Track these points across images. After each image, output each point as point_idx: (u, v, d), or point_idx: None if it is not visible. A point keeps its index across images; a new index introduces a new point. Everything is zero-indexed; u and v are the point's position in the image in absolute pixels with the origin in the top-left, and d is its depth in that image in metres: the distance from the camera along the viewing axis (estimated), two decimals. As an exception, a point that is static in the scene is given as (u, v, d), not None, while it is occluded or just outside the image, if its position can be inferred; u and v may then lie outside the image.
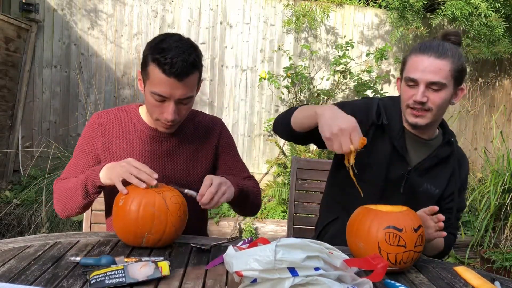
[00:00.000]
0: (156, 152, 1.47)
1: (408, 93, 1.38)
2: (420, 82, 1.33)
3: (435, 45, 1.34)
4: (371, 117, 1.44)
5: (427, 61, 1.32)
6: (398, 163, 1.45)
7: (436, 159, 1.47)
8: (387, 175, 1.45)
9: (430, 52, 1.33)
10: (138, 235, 1.18)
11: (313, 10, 4.66)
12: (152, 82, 1.32)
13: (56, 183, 1.46)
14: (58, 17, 4.48)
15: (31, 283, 0.95)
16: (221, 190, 1.28)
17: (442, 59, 1.32)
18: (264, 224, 3.93)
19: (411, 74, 1.35)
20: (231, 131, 4.74)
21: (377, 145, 1.45)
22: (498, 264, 3.08)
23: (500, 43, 4.30)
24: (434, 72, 1.31)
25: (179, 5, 4.66)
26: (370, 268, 0.96)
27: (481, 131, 5.18)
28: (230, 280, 1.01)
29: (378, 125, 1.44)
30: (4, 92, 4.08)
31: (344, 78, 4.71)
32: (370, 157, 1.43)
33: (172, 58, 1.27)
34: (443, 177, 1.49)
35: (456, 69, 1.34)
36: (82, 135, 1.50)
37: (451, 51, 1.34)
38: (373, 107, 1.46)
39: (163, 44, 1.30)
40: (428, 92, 1.34)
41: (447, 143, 1.48)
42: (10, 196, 3.75)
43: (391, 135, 1.44)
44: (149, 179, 1.22)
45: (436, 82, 1.32)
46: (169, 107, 1.34)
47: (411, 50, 1.40)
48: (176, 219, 1.21)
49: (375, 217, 1.13)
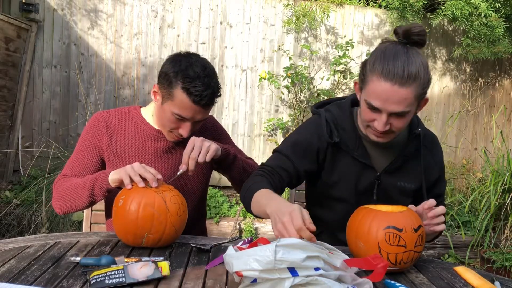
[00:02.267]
0: (160, 150, 1.50)
1: (369, 116, 1.27)
2: (382, 111, 1.23)
3: (399, 67, 1.18)
4: (324, 137, 1.38)
5: (391, 90, 1.18)
6: (365, 172, 1.40)
7: (404, 157, 1.41)
8: (356, 187, 1.41)
9: (394, 78, 1.18)
10: (137, 235, 1.18)
11: (313, 10, 4.66)
12: (178, 105, 1.36)
13: (59, 179, 1.47)
14: (58, 17, 4.48)
15: (31, 283, 0.95)
16: (204, 148, 1.35)
17: (407, 87, 1.18)
18: (264, 224, 3.93)
19: (373, 101, 1.23)
20: (231, 131, 4.77)
21: (338, 162, 1.41)
22: (498, 264, 3.08)
23: (500, 43, 4.30)
24: (398, 102, 1.20)
25: (179, 5, 4.66)
26: (370, 268, 0.96)
27: (481, 131, 5.18)
28: (230, 280, 1.01)
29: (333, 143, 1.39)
30: (4, 92, 4.08)
31: (344, 78, 4.72)
32: (335, 175, 1.40)
33: (202, 91, 1.34)
34: (416, 171, 1.43)
35: (421, 92, 1.23)
36: (85, 131, 1.51)
37: (417, 67, 1.19)
38: (323, 126, 1.39)
39: (191, 71, 1.35)
40: (391, 119, 1.24)
41: (414, 137, 1.41)
42: (10, 196, 3.76)
43: (347, 149, 1.39)
44: (152, 179, 1.24)
45: (400, 112, 1.22)
46: (187, 126, 1.41)
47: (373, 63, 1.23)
48: (176, 220, 1.21)
49: (375, 217, 1.13)
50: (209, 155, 1.35)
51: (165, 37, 4.66)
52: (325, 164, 1.42)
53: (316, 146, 1.39)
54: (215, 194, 4.12)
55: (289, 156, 1.38)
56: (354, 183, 1.41)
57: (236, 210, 3.98)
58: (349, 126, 1.41)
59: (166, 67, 1.39)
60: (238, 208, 4.01)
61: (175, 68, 1.37)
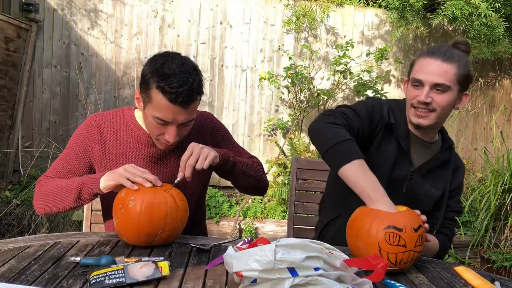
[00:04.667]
0: (154, 156, 1.47)
1: (413, 93, 1.42)
2: (425, 83, 1.37)
3: (443, 50, 1.39)
4: (385, 116, 1.47)
5: (434, 63, 1.37)
6: (402, 163, 1.48)
7: (437, 161, 1.51)
8: (391, 174, 1.47)
9: (437, 55, 1.37)
10: (151, 234, 1.20)
11: (313, 10, 4.66)
12: (155, 107, 1.30)
13: (42, 179, 1.43)
14: (58, 17, 4.48)
15: (31, 283, 0.95)
16: (202, 155, 1.32)
17: (448, 63, 1.36)
18: (264, 224, 3.93)
19: (417, 75, 1.40)
20: (231, 131, 4.76)
21: (384, 145, 1.48)
22: (498, 264, 3.08)
23: (500, 43, 4.30)
24: (440, 74, 1.36)
25: (179, 5, 4.66)
26: (370, 268, 0.96)
27: (481, 131, 5.18)
28: (230, 280, 1.01)
29: (387, 124, 1.47)
30: (4, 92, 4.08)
31: (344, 78, 4.72)
32: (377, 157, 1.45)
33: (178, 88, 1.25)
34: (443, 179, 1.52)
35: (461, 74, 1.38)
36: (76, 135, 1.47)
37: (458, 56, 1.38)
38: (385, 107, 1.49)
39: (166, 69, 1.27)
40: (433, 93, 1.38)
41: (448, 148, 1.53)
42: (10, 196, 3.75)
43: (398, 134, 1.47)
44: (155, 179, 1.24)
45: (441, 83, 1.36)
46: (171, 130, 1.34)
47: (419, 54, 1.44)
48: (184, 215, 1.26)
49: (375, 217, 1.13)
50: (206, 162, 1.32)
51: (165, 37, 4.66)
52: (375, 140, 1.48)
53: (378, 117, 1.46)
54: (215, 194, 4.12)
55: (357, 112, 1.43)
56: (389, 169, 1.46)
57: (236, 210, 3.98)
58: (402, 117, 1.49)
59: (143, 69, 1.33)
60: (238, 208, 4.01)
61: (151, 68, 1.30)
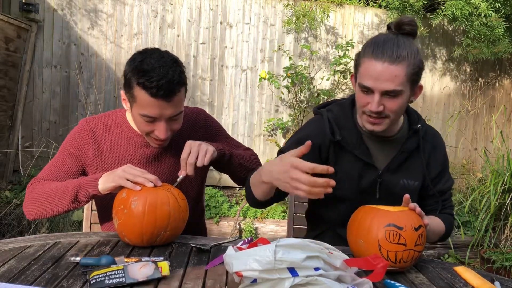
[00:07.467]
0: (149, 156, 1.47)
1: (363, 100, 1.31)
2: (374, 90, 1.25)
3: (389, 47, 1.24)
4: (327, 136, 1.39)
5: (381, 67, 1.23)
6: (367, 170, 1.41)
7: (405, 153, 1.42)
8: (359, 186, 1.41)
9: (384, 57, 1.23)
10: (154, 234, 1.20)
11: (313, 10, 4.66)
12: (140, 104, 1.30)
13: (34, 182, 1.41)
14: (58, 17, 4.48)
15: (31, 283, 0.95)
16: (202, 152, 1.33)
17: (397, 64, 1.22)
18: (264, 224, 3.93)
19: (365, 81, 1.27)
20: (231, 131, 4.76)
21: (340, 162, 1.41)
22: (498, 264, 3.08)
23: (500, 43, 4.30)
24: (389, 80, 1.23)
25: (179, 5, 4.66)
26: (370, 268, 0.96)
27: (481, 131, 5.18)
28: (230, 280, 1.01)
29: (335, 141, 1.40)
30: (4, 92, 4.07)
31: (344, 78, 4.72)
32: (338, 175, 1.39)
33: (158, 81, 1.25)
34: (418, 167, 1.43)
35: (412, 72, 1.25)
36: (69, 139, 1.45)
37: (406, 50, 1.24)
38: (325, 125, 1.41)
39: (145, 65, 1.27)
40: (384, 100, 1.26)
41: (414, 133, 1.42)
42: (10, 196, 3.75)
43: (349, 147, 1.40)
44: (156, 179, 1.24)
45: (392, 90, 1.24)
46: (161, 126, 1.33)
47: (364, 49, 1.30)
48: (185, 214, 1.27)
49: (376, 215, 1.13)
50: (206, 158, 1.33)
51: (165, 37, 4.66)
52: (328, 163, 1.42)
53: (318, 143, 1.39)
54: (215, 194, 4.12)
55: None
56: (356, 182, 1.41)
57: (236, 210, 3.98)
58: (350, 124, 1.42)
59: (124, 69, 1.33)
60: (238, 208, 4.01)
61: (131, 67, 1.30)
